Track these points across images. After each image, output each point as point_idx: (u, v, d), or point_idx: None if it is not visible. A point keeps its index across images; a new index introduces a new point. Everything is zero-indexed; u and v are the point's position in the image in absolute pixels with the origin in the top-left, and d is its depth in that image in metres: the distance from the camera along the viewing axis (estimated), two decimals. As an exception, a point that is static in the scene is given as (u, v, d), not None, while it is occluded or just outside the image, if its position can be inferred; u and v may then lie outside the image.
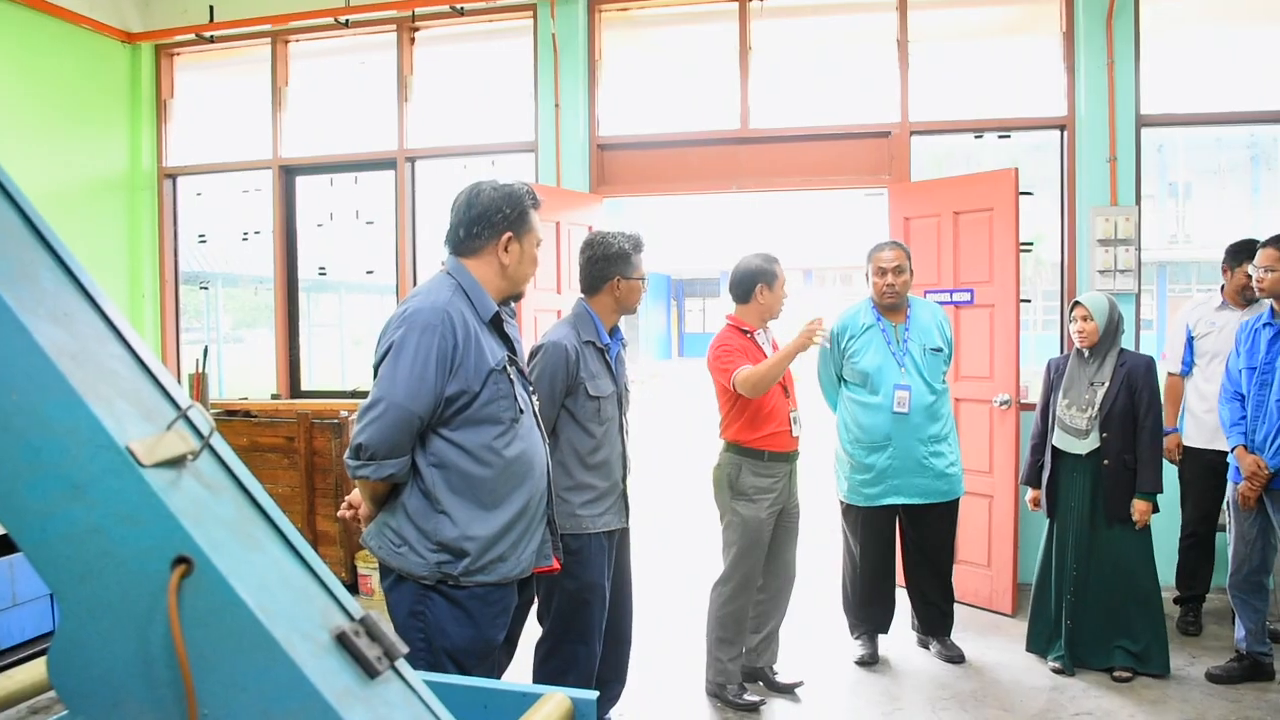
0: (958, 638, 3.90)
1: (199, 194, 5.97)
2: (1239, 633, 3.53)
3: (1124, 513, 3.50)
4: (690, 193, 5.29)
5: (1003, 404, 4.31)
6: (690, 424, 11.21)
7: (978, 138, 4.97)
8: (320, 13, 5.39)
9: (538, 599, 2.80)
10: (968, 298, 4.46)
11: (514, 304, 2.30)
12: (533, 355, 2.75)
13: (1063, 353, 4.05)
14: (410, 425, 2.00)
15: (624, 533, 2.98)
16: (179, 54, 5.89)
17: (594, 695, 1.32)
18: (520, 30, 5.30)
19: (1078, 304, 3.62)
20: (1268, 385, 3.35)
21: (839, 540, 3.93)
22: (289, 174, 5.69)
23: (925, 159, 5.03)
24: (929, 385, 3.63)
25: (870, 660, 3.77)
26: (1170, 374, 4.17)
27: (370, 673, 0.95)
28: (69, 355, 0.89)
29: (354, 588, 4.62)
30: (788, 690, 3.50)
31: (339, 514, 2.33)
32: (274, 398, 5.65)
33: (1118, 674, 3.53)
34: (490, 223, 2.15)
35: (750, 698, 3.38)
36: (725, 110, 5.12)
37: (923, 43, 4.92)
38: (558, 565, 2.32)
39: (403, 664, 1.02)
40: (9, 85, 5.00)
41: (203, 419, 0.99)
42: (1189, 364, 4.15)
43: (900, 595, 3.94)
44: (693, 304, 29.62)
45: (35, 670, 1.25)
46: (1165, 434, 3.87)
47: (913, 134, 4.88)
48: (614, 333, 2.93)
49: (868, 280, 3.78)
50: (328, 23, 5.44)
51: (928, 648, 3.91)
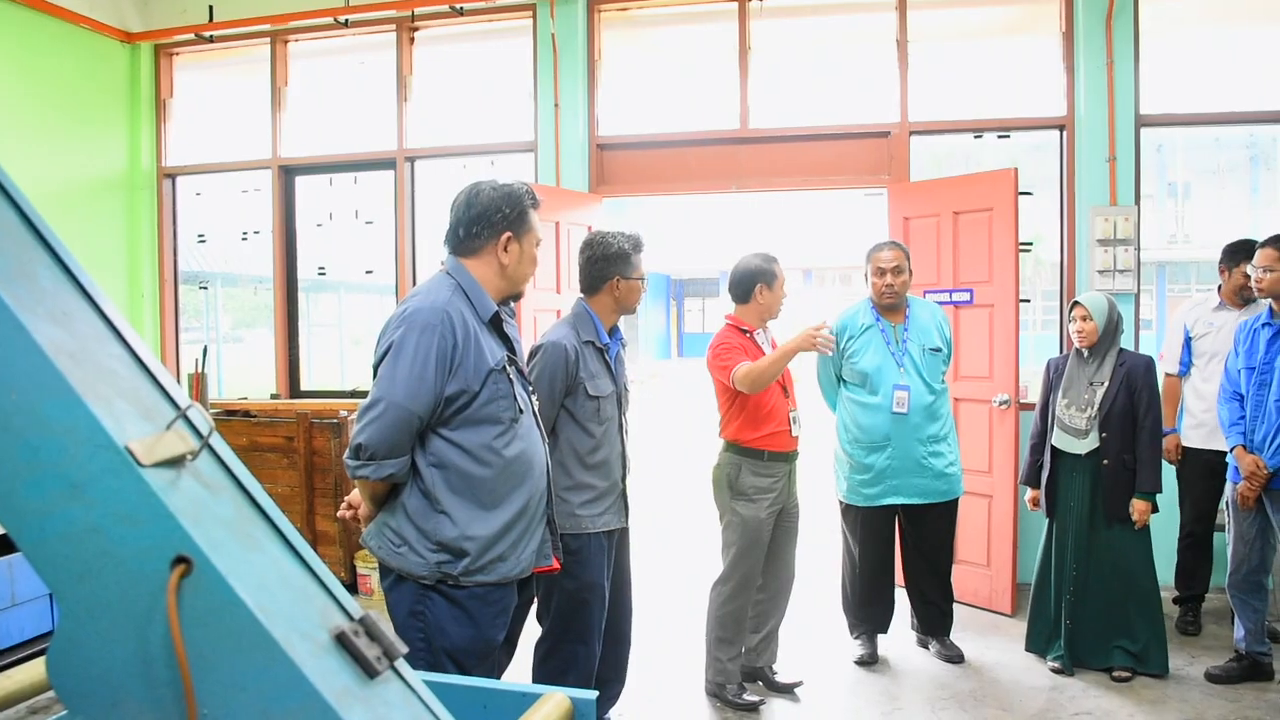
0: (957, 637, 3.90)
1: (198, 194, 5.97)
2: (1238, 632, 3.53)
3: (1123, 512, 3.50)
4: (690, 192, 5.29)
5: (1002, 404, 4.31)
6: (690, 424, 11.21)
7: (977, 138, 4.97)
8: (320, 12, 5.39)
9: (537, 599, 2.79)
10: (967, 298, 4.46)
11: (513, 304, 2.30)
12: (532, 355, 2.75)
13: (1062, 352, 4.05)
14: (410, 425, 2.00)
15: (623, 532, 2.98)
16: (178, 54, 5.89)
17: (593, 695, 1.32)
18: (520, 30, 5.30)
19: (1077, 304, 3.62)
20: (1267, 385, 3.35)
21: (838, 540, 3.93)
22: (288, 174, 5.69)
23: (925, 159, 5.03)
24: (928, 385, 3.64)
25: (870, 660, 3.77)
26: (1168, 374, 4.17)
27: (369, 673, 0.95)
28: (68, 354, 0.89)
29: (353, 587, 4.62)
30: (787, 690, 3.50)
31: (339, 514, 2.33)
32: (273, 397, 5.65)
33: (1117, 674, 3.53)
34: (490, 222, 2.15)
35: (750, 697, 3.38)
36: (725, 110, 5.12)
37: (922, 43, 4.92)
38: (558, 565, 2.32)
39: (402, 664, 1.02)
40: (8, 85, 5.00)
41: (202, 419, 0.99)
42: (1186, 364, 4.14)
43: (900, 595, 3.94)
44: (692, 304, 29.61)
45: (34, 670, 1.25)
46: (1164, 434, 3.87)
47: (912, 134, 4.88)
48: (613, 332, 2.93)
49: (867, 280, 3.78)
50: (327, 22, 5.44)
51: (927, 647, 3.91)
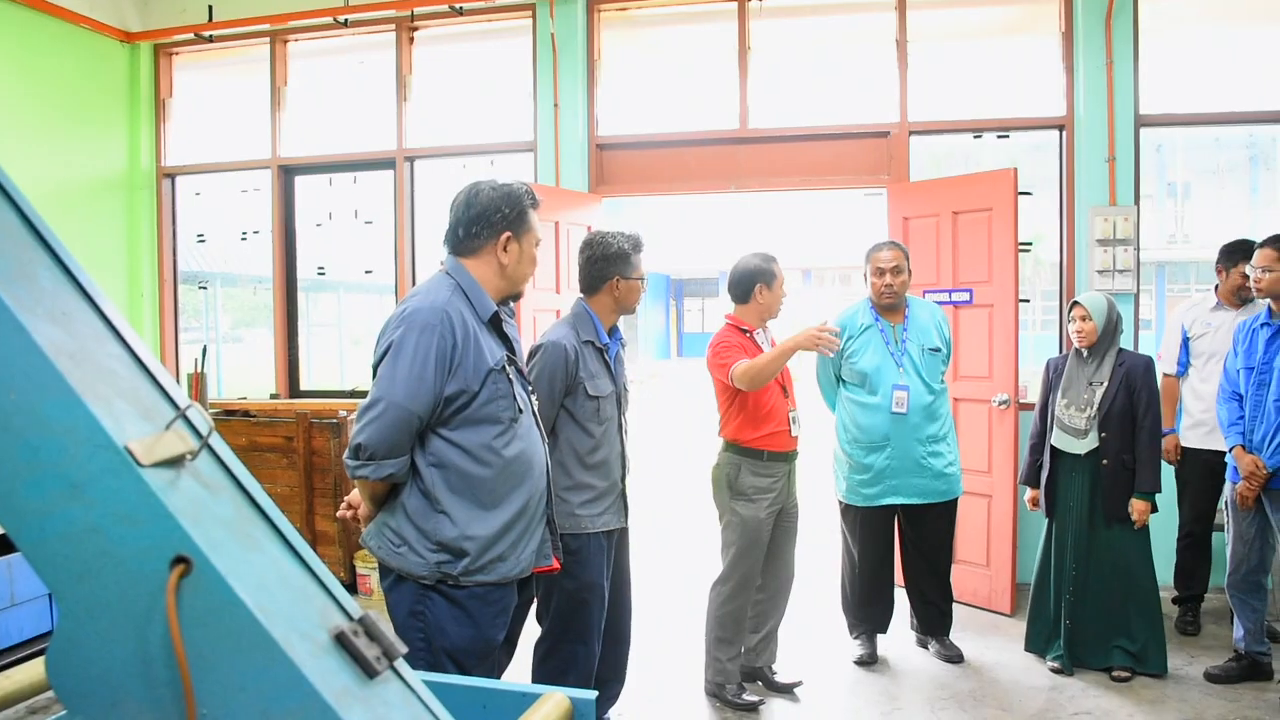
0: (956, 637, 3.90)
1: (198, 193, 5.97)
2: (1237, 632, 3.53)
3: (1122, 512, 3.50)
4: (689, 192, 5.29)
5: (1001, 404, 4.31)
6: (689, 424, 11.20)
7: (977, 138, 4.97)
8: (319, 12, 5.39)
9: (537, 599, 2.79)
10: (966, 298, 4.46)
11: (512, 304, 2.30)
12: (532, 355, 2.75)
13: (1061, 352, 4.05)
14: (409, 425, 2.00)
15: (623, 532, 2.98)
16: (178, 53, 5.89)
17: (593, 695, 1.32)
18: (519, 30, 5.30)
19: (1076, 304, 3.62)
20: (1265, 385, 3.35)
21: (838, 540, 3.93)
22: (288, 173, 5.69)
23: (924, 159, 5.03)
24: (927, 385, 3.64)
25: (869, 660, 3.77)
26: (1165, 374, 4.16)
27: (369, 672, 0.95)
28: (67, 354, 0.89)
29: (353, 587, 4.62)
30: (787, 690, 3.50)
31: (338, 514, 2.33)
32: (273, 397, 5.65)
33: (1116, 674, 3.53)
34: (489, 222, 2.15)
35: (749, 697, 3.38)
36: (724, 110, 5.12)
37: (922, 42, 4.92)
38: (557, 565, 2.32)
39: (401, 664, 1.02)
40: (8, 85, 4.99)
41: (201, 419, 0.99)
42: (1184, 365, 4.14)
43: (899, 595, 3.94)
44: (691, 304, 29.60)
45: (34, 670, 1.25)
46: (1163, 434, 3.87)
47: (912, 134, 4.89)
48: (613, 332, 2.93)
49: (866, 280, 3.78)
50: (327, 22, 5.43)
51: (926, 647, 3.91)
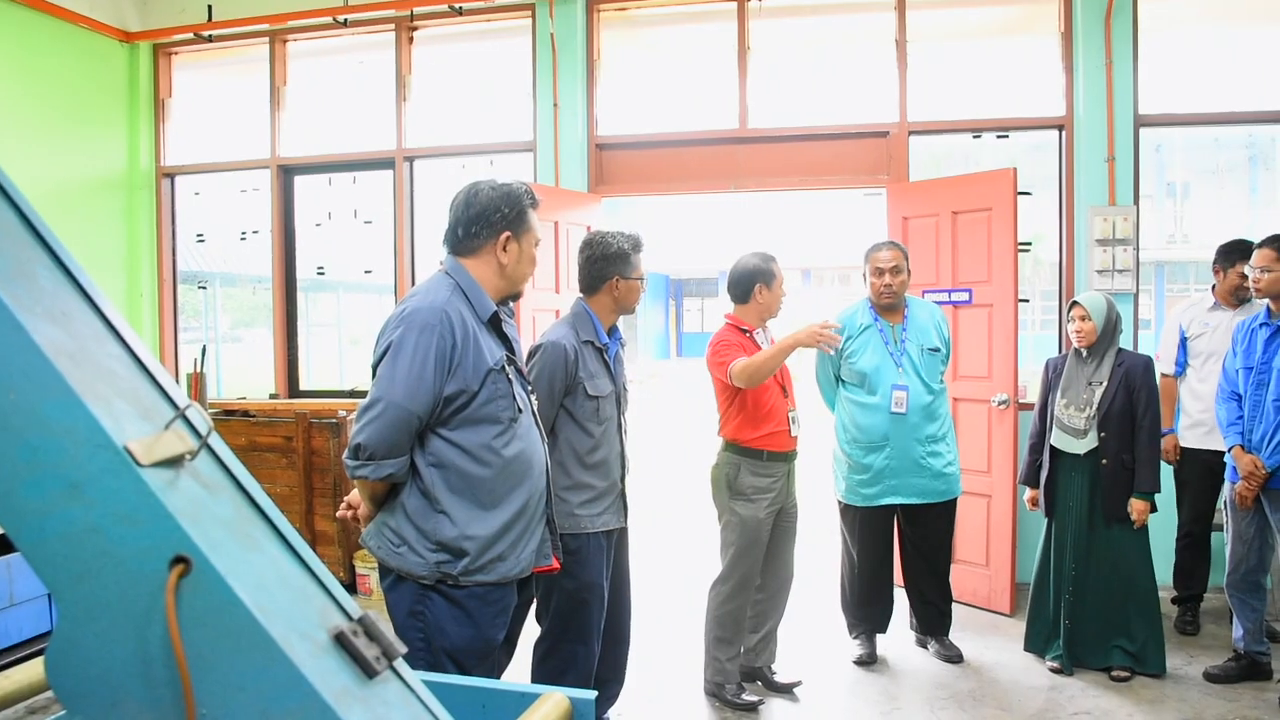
0: (956, 637, 3.90)
1: (197, 193, 5.96)
2: (1237, 632, 3.54)
3: (1122, 512, 3.50)
4: (688, 192, 5.29)
5: (1001, 404, 4.31)
6: (688, 424, 11.20)
7: (976, 138, 4.97)
8: (318, 12, 5.38)
9: (536, 599, 2.79)
10: (966, 297, 4.46)
11: (512, 304, 2.30)
12: (531, 355, 2.75)
13: (1061, 352, 4.05)
14: (409, 425, 2.00)
15: (622, 532, 2.98)
16: (177, 53, 5.88)
17: (592, 695, 1.32)
18: (519, 30, 5.30)
19: (1076, 304, 3.62)
20: (1264, 385, 3.35)
21: (837, 540, 3.93)
22: (287, 173, 5.69)
23: (924, 159, 5.03)
24: (926, 385, 3.64)
25: (868, 660, 3.77)
26: (1163, 375, 4.16)
27: (368, 672, 0.95)
28: (67, 354, 0.89)
29: (352, 587, 4.62)
30: (786, 690, 3.50)
31: (338, 514, 2.33)
32: (272, 397, 5.64)
33: (1116, 673, 3.53)
34: (488, 222, 2.15)
35: (749, 697, 3.38)
36: (724, 110, 5.12)
37: (921, 42, 4.92)
38: (557, 565, 2.32)
39: (401, 664, 1.02)
40: (7, 84, 4.99)
41: (201, 419, 0.99)
42: (1182, 365, 4.14)
43: (899, 595, 3.94)
44: (691, 304, 29.59)
45: (33, 670, 1.25)
46: (1162, 435, 3.87)
47: (911, 134, 4.89)
48: (612, 332, 2.93)
49: (865, 280, 3.78)
50: (326, 22, 5.43)
51: (926, 647, 3.91)
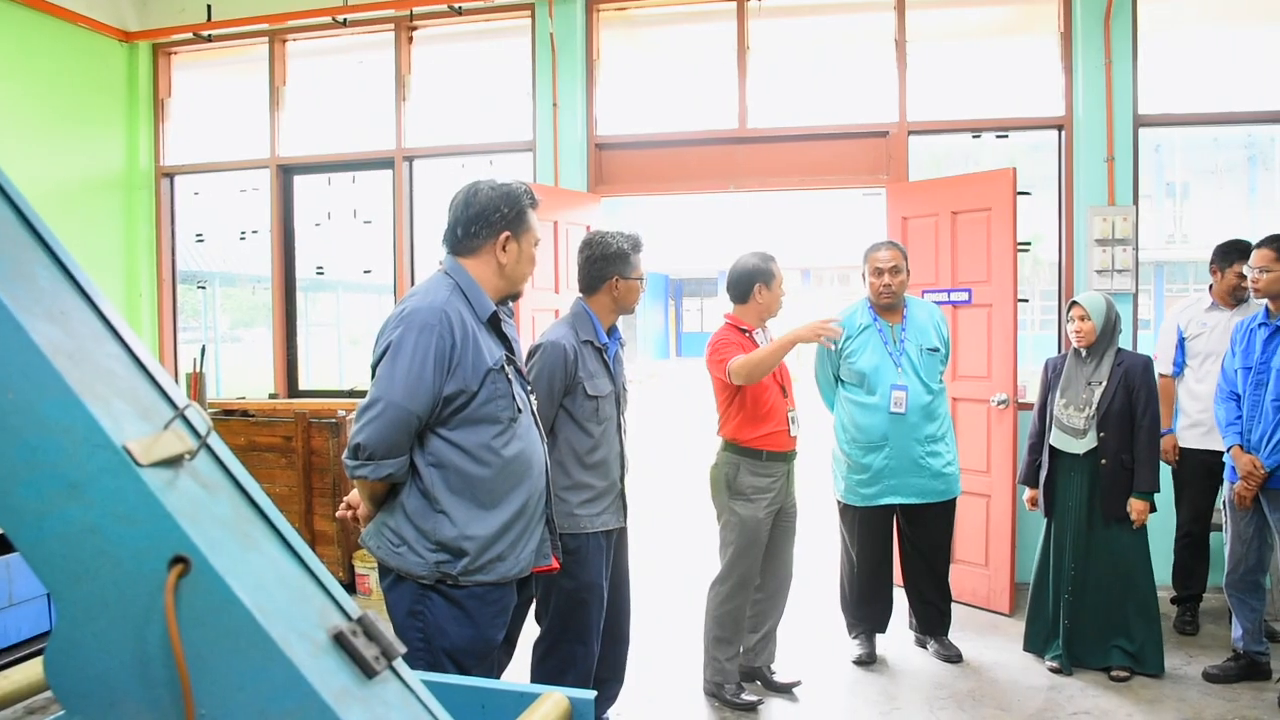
0: (955, 637, 3.90)
1: (196, 193, 5.96)
2: (1236, 632, 3.54)
3: (1121, 512, 3.50)
4: (688, 192, 5.29)
5: (1000, 404, 4.31)
6: (688, 424, 11.20)
7: (976, 137, 4.97)
8: (318, 12, 5.38)
9: (536, 598, 2.79)
10: (965, 297, 4.46)
11: (511, 303, 2.30)
12: (531, 355, 2.75)
13: (1060, 352, 4.05)
14: (408, 425, 2.00)
15: (622, 532, 2.98)
16: (176, 53, 5.88)
17: (592, 695, 1.32)
18: (518, 30, 5.29)
19: (1075, 304, 3.62)
20: (1263, 385, 3.36)
21: (837, 540, 3.93)
22: (287, 173, 5.69)
23: (923, 159, 5.03)
24: (926, 385, 3.64)
25: (868, 660, 3.77)
26: (1161, 375, 4.16)
27: (368, 672, 0.95)
28: (66, 354, 0.89)
29: (351, 587, 4.62)
30: (785, 690, 3.50)
31: (337, 514, 2.33)
32: (271, 397, 5.64)
33: (1115, 673, 3.53)
34: (488, 222, 2.15)
35: (748, 697, 3.38)
36: (723, 110, 5.12)
37: (920, 42, 4.92)
38: (556, 565, 2.32)
39: (400, 664, 1.02)
40: (6, 84, 4.99)
41: (200, 418, 0.99)
42: (1180, 365, 4.15)
43: (898, 595, 3.94)
44: (690, 304, 29.59)
45: (32, 670, 1.25)
46: (1161, 435, 3.87)
47: (910, 134, 4.89)
48: (612, 332, 2.93)
49: (864, 280, 3.79)
50: (325, 22, 5.43)
51: (925, 647, 3.91)
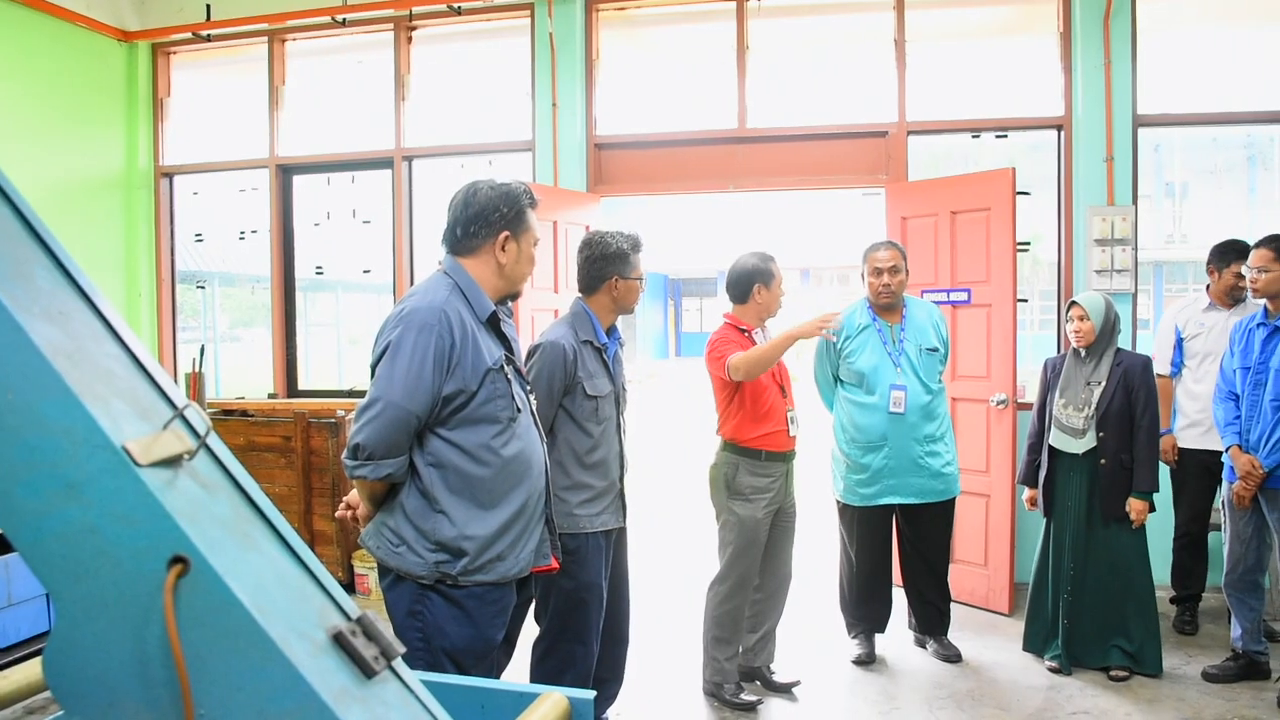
0: (955, 637, 3.90)
1: (196, 193, 5.96)
2: (1235, 632, 3.54)
3: (1120, 512, 3.50)
4: (687, 192, 5.29)
5: (1000, 403, 4.31)
6: (687, 424, 11.20)
7: (975, 137, 4.98)
8: (317, 11, 5.38)
9: (535, 598, 2.79)
10: (965, 297, 4.46)
11: (510, 303, 2.30)
12: (530, 354, 2.75)
13: (1060, 352, 4.05)
14: (408, 425, 2.00)
15: (621, 532, 2.98)
16: (176, 53, 5.88)
17: (591, 695, 1.32)
18: (518, 29, 5.29)
19: (1074, 304, 3.62)
20: (1262, 385, 3.36)
21: (836, 540, 3.93)
22: (286, 173, 5.69)
23: (922, 159, 5.03)
24: (925, 385, 3.64)
25: (867, 659, 3.77)
26: (1159, 375, 4.16)
27: (367, 672, 0.95)
28: (65, 354, 0.88)
29: (351, 587, 4.61)
30: (785, 689, 3.50)
31: (337, 514, 2.32)
32: (271, 397, 5.64)
33: (1114, 673, 3.53)
34: (487, 222, 2.15)
35: (747, 697, 3.39)
36: (722, 110, 5.12)
37: (920, 42, 4.92)
38: (556, 564, 2.32)
39: (400, 664, 1.02)
40: (5, 84, 4.99)
41: (199, 418, 0.99)
42: (1178, 365, 4.15)
43: (897, 594, 3.94)
44: (690, 303, 29.60)
45: (31, 670, 1.25)
46: (1160, 435, 3.87)
47: (910, 134, 4.89)
48: (611, 332, 2.93)
49: (864, 280, 3.79)
50: (325, 22, 5.43)
51: (925, 647, 3.91)
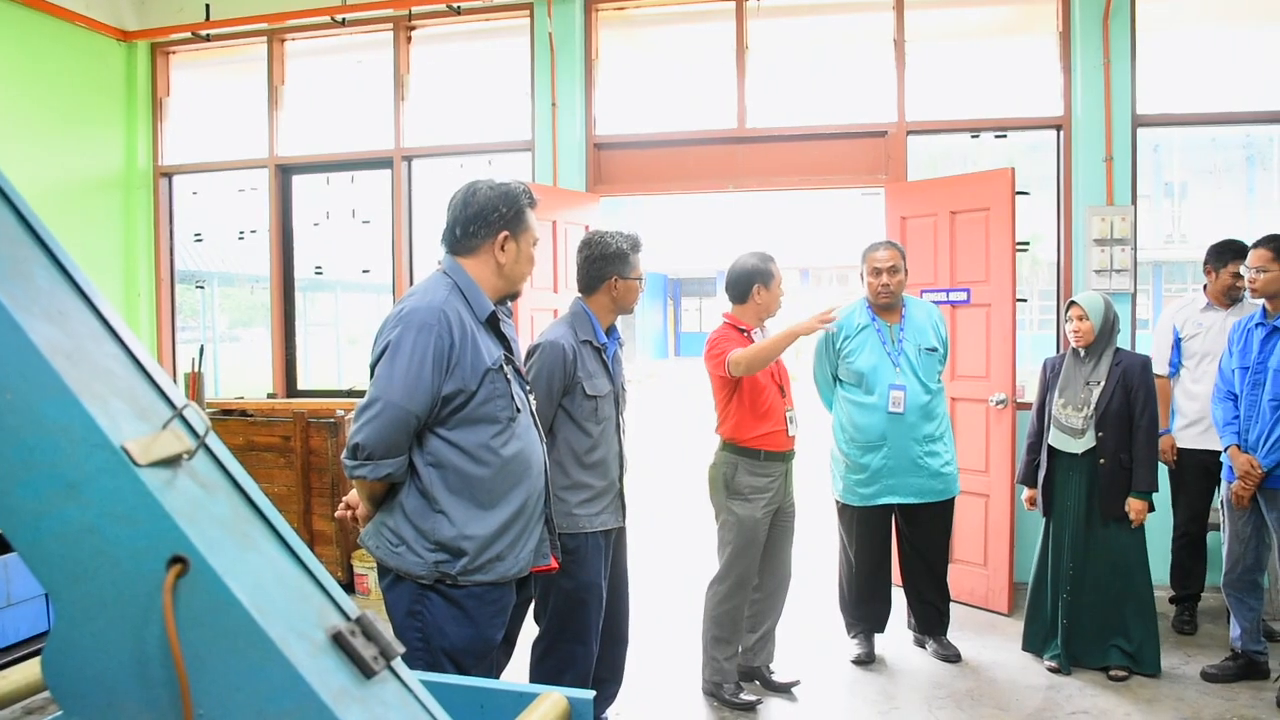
0: (954, 637, 3.90)
1: (195, 193, 5.96)
2: (1234, 631, 3.54)
3: (1119, 511, 3.50)
4: (687, 192, 5.29)
5: (999, 403, 4.31)
6: (686, 423, 11.20)
7: (974, 137, 4.98)
8: (316, 11, 5.38)
9: (535, 598, 2.79)
10: (964, 297, 4.46)
11: (510, 303, 2.30)
12: (530, 354, 2.75)
13: (1059, 352, 4.05)
14: (407, 425, 2.00)
15: (621, 532, 2.98)
16: (175, 52, 5.88)
17: (590, 695, 1.32)
18: (517, 29, 5.29)
19: (1073, 303, 3.62)
20: (1260, 385, 3.36)
21: (835, 540, 3.93)
22: (285, 173, 5.68)
23: (922, 158, 5.03)
24: (924, 385, 3.64)
25: (867, 659, 3.77)
26: (1156, 375, 4.16)
27: (366, 672, 0.95)
28: (64, 354, 0.88)
29: (350, 587, 4.61)
30: (784, 689, 3.50)
31: (336, 514, 2.32)
32: (270, 397, 5.64)
33: (1113, 673, 3.53)
34: (486, 222, 2.15)
35: (747, 697, 3.39)
36: (722, 109, 5.12)
37: (919, 42, 4.92)
38: (555, 564, 2.32)
39: (399, 664, 1.02)
40: (4, 84, 4.98)
41: (198, 418, 0.99)
42: (1176, 365, 4.15)
43: (896, 594, 3.94)
44: (689, 303, 29.60)
45: (30, 670, 1.25)
46: (1159, 435, 3.87)
47: (909, 133, 4.89)
48: (611, 332, 2.93)
49: (863, 280, 3.79)
50: (324, 21, 5.43)
51: (924, 647, 3.91)
